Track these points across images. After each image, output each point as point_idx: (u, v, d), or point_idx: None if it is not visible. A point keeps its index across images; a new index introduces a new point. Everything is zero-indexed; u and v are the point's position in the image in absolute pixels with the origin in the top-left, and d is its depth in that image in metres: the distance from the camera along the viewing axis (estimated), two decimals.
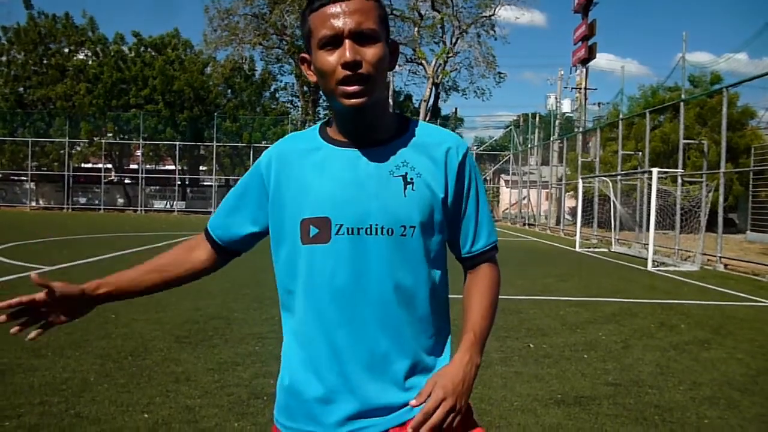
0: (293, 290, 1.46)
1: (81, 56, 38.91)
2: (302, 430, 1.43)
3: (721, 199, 14.88)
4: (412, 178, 1.41)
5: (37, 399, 3.95)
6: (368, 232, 1.38)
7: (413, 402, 1.36)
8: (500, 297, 1.55)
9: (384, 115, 1.46)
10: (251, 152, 37.87)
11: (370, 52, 1.34)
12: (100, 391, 4.15)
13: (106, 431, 3.48)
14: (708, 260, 14.98)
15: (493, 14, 37.07)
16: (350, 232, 1.38)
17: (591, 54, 39.41)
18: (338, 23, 1.32)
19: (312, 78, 1.43)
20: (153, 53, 38.62)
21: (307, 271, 1.41)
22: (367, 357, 1.39)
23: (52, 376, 4.44)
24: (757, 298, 9.65)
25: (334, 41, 1.33)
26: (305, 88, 40.96)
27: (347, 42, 1.33)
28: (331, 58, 1.34)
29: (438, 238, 1.46)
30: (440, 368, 1.42)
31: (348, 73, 1.32)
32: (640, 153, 22.15)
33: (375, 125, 1.44)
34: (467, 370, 1.39)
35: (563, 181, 29.23)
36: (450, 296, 1.53)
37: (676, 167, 17.14)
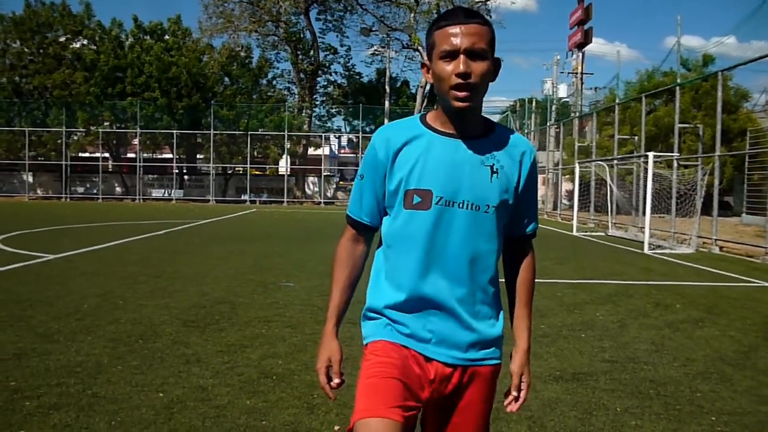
0: (393, 244, 1.81)
1: (78, 45, 38.71)
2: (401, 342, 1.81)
3: (716, 182, 15.04)
4: (497, 169, 1.77)
5: (54, 381, 4.09)
6: (460, 206, 1.74)
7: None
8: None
9: (478, 115, 1.79)
10: (248, 140, 37.86)
11: (479, 67, 1.68)
12: (115, 373, 4.30)
13: (124, 409, 3.62)
14: (703, 243, 15.16)
15: None
16: (446, 204, 1.73)
17: (587, 38, 39.44)
18: (456, 41, 1.67)
19: (429, 80, 1.77)
20: (151, 39, 38.43)
21: (408, 230, 1.77)
22: (443, 298, 1.76)
23: (66, 359, 4.58)
24: (751, 279, 9.83)
25: (451, 55, 1.68)
26: (301, 75, 40.89)
27: (462, 57, 1.66)
28: (448, 68, 1.68)
29: (505, 219, 1.82)
30: (519, 358, 1.86)
31: (460, 81, 1.66)
32: (636, 137, 22.27)
33: (472, 123, 1.77)
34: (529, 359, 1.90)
35: (560, 166, 29.36)
36: None
37: (671, 151, 17.27)
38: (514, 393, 1.83)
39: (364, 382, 1.72)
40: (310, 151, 41.70)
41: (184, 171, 40.82)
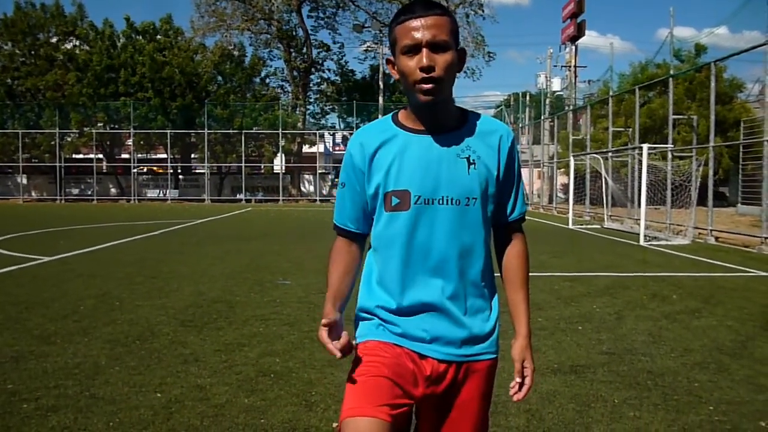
0: (379, 248, 1.81)
1: (70, 46, 38.50)
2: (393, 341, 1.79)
3: (711, 172, 15.06)
4: (474, 160, 1.75)
5: (52, 383, 4.08)
6: (440, 202, 1.72)
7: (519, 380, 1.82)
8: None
9: (450, 107, 1.77)
10: (242, 139, 37.75)
11: (442, 59, 1.66)
12: (113, 374, 4.28)
13: (122, 410, 3.61)
14: (699, 234, 15.19)
15: None
16: (426, 202, 1.72)
17: (580, 31, 39.48)
18: (417, 35, 1.65)
19: (396, 76, 1.76)
20: (143, 39, 38.23)
21: (391, 232, 1.76)
22: (434, 298, 1.75)
23: (64, 361, 4.56)
24: (747, 269, 9.85)
25: (414, 49, 1.66)
26: (295, 73, 40.78)
27: (424, 50, 1.65)
28: (411, 63, 1.67)
29: (491, 208, 1.80)
30: (519, 344, 1.83)
31: (424, 75, 1.65)
32: (630, 129, 22.30)
33: (444, 116, 1.75)
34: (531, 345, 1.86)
35: (555, 160, 29.37)
36: None
37: (665, 142, 17.29)
38: (518, 380, 1.81)
39: (353, 381, 1.71)
40: (305, 148, 41.60)
41: (179, 171, 40.69)
